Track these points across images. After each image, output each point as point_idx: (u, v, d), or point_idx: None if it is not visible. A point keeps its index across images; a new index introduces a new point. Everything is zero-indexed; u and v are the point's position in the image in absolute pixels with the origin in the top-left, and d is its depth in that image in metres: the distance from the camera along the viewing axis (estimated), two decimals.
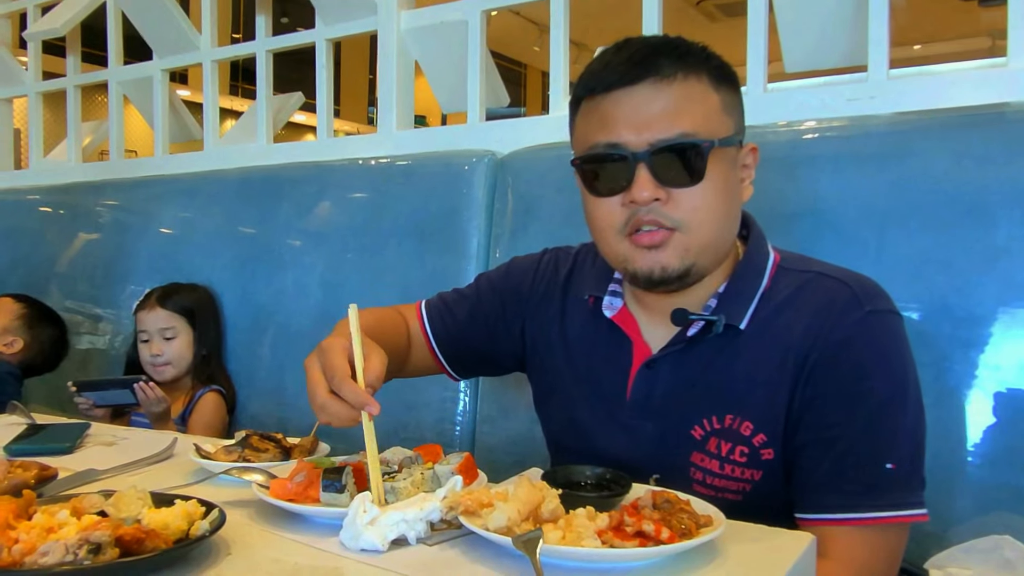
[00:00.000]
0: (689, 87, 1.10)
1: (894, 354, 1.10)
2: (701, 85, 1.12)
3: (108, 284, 2.65)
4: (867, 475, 1.06)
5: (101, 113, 3.35)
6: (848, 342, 1.08)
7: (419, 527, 0.91)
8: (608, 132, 1.11)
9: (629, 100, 1.10)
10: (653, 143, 1.08)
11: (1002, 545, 1.10)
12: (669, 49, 1.11)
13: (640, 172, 1.09)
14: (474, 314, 1.43)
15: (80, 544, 0.77)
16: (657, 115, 1.09)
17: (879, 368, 1.09)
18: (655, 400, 1.20)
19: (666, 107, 1.09)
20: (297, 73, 3.26)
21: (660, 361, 1.20)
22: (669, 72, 1.10)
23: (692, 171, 1.09)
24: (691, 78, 1.11)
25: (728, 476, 1.15)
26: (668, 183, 1.09)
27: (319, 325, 2.17)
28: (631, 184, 1.10)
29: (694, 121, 1.09)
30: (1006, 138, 1.42)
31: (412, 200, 2.08)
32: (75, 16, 2.95)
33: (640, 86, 1.10)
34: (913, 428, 1.10)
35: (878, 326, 1.10)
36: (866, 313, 1.09)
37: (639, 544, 0.83)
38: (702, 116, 1.10)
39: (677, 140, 1.08)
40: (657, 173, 1.09)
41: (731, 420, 1.14)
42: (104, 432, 1.59)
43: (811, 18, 1.79)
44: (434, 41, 2.31)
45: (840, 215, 1.50)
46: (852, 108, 1.66)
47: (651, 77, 1.09)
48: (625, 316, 1.26)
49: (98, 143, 3.32)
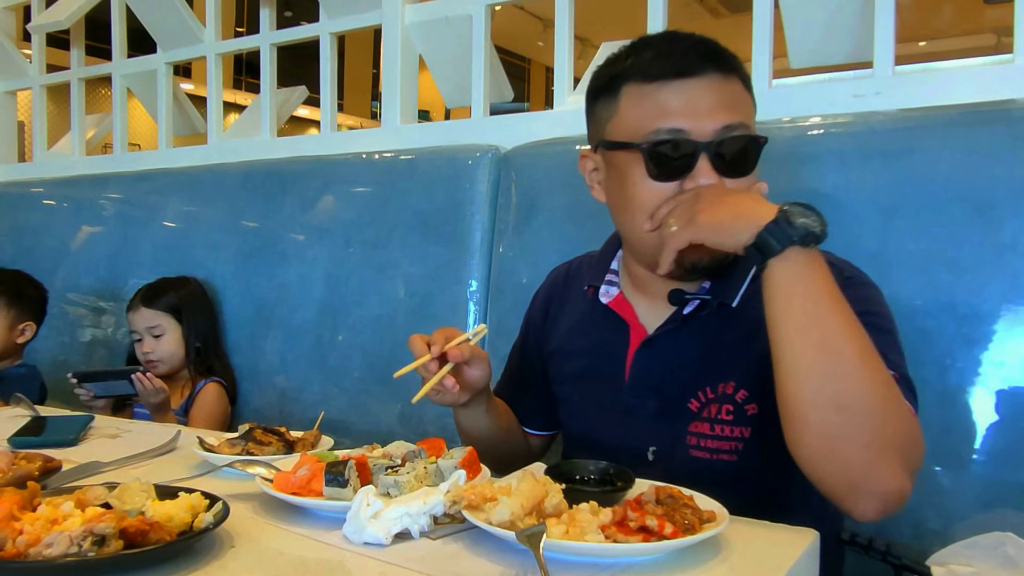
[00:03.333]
0: (736, 86, 1.17)
1: (875, 303, 1.15)
2: (741, 86, 1.18)
3: (111, 277, 2.65)
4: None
5: (105, 106, 3.35)
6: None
7: (422, 521, 0.91)
8: (671, 118, 1.13)
9: (693, 90, 1.14)
10: (717, 132, 1.13)
11: (1005, 542, 1.09)
12: (720, 48, 1.17)
13: (702, 160, 1.13)
14: (523, 359, 1.51)
15: (84, 536, 0.77)
16: (719, 106, 1.13)
17: (867, 305, 1.10)
18: (653, 378, 1.24)
19: (728, 98, 1.15)
20: (301, 67, 3.26)
21: (657, 340, 1.24)
22: (725, 70, 1.15)
23: (747, 162, 1.16)
24: (735, 79, 1.17)
25: (719, 436, 1.19)
26: (725, 172, 1.14)
27: (322, 319, 2.17)
28: (692, 170, 1.13)
29: (746, 116, 1.16)
30: (1012, 135, 1.41)
31: (415, 194, 2.08)
32: (79, 9, 2.95)
33: (703, 78, 1.14)
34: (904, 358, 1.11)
35: (858, 286, 1.15)
36: (845, 277, 1.12)
37: (642, 539, 0.83)
38: (748, 113, 1.18)
39: (737, 132, 1.13)
40: (716, 162, 1.13)
41: (723, 387, 1.19)
42: (108, 424, 1.59)
43: (817, 14, 1.78)
44: (438, 35, 2.30)
45: (845, 211, 1.50)
46: (857, 104, 1.65)
47: (712, 71, 1.14)
48: (621, 302, 1.31)
49: (102, 136, 3.32)
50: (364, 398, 2.07)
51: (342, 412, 2.08)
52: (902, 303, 1.41)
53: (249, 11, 9.35)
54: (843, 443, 0.96)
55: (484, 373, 1.26)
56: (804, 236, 0.98)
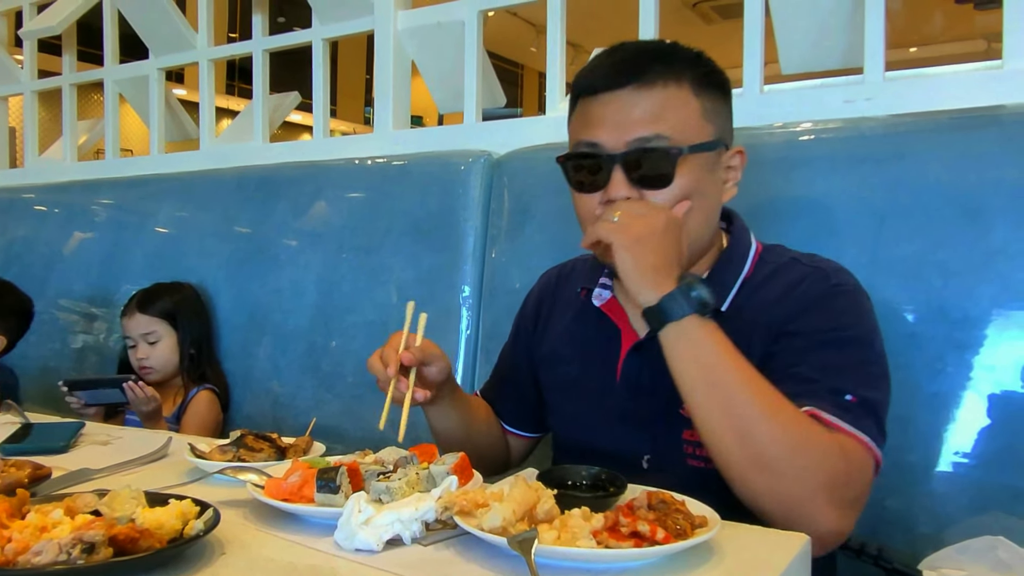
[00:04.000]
0: (668, 93, 1.16)
1: (855, 315, 1.16)
2: (682, 91, 1.16)
3: (103, 283, 2.64)
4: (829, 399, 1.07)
5: (97, 112, 3.34)
6: (814, 303, 1.15)
7: (414, 527, 0.91)
8: (590, 132, 1.18)
9: (611, 103, 1.16)
10: (628, 143, 1.14)
11: (996, 546, 1.09)
12: (656, 55, 1.18)
13: (615, 172, 1.15)
14: (514, 361, 1.51)
15: (73, 543, 0.76)
16: (634, 119, 1.15)
17: (842, 319, 1.14)
18: (644, 383, 1.25)
19: (644, 112, 1.15)
20: (294, 73, 3.26)
21: (647, 344, 1.24)
22: (650, 78, 1.15)
23: (662, 174, 1.15)
24: (671, 84, 1.16)
25: None
26: (641, 184, 1.15)
27: (315, 325, 2.17)
28: (608, 183, 1.16)
29: (669, 126, 1.14)
30: (1002, 140, 1.42)
31: (408, 200, 2.07)
32: (71, 14, 2.95)
33: (622, 91, 1.16)
34: (878, 373, 1.13)
35: (842, 295, 1.17)
36: (831, 284, 1.17)
37: (634, 544, 0.83)
38: (678, 122, 1.15)
39: (649, 144, 1.14)
40: (630, 174, 1.15)
41: None
42: (99, 431, 1.59)
43: (807, 20, 1.79)
44: (431, 41, 2.31)
45: (836, 216, 1.50)
46: (848, 110, 1.66)
47: (633, 82, 1.15)
48: (613, 305, 1.32)
49: (94, 142, 3.31)
50: (357, 404, 2.06)
51: (335, 418, 2.07)
52: (893, 308, 1.41)
53: (242, 17, 9.34)
54: (766, 495, 1.02)
55: (442, 366, 1.26)
56: (700, 307, 1.05)
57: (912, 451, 1.38)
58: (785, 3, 1.79)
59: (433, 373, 1.25)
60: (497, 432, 1.50)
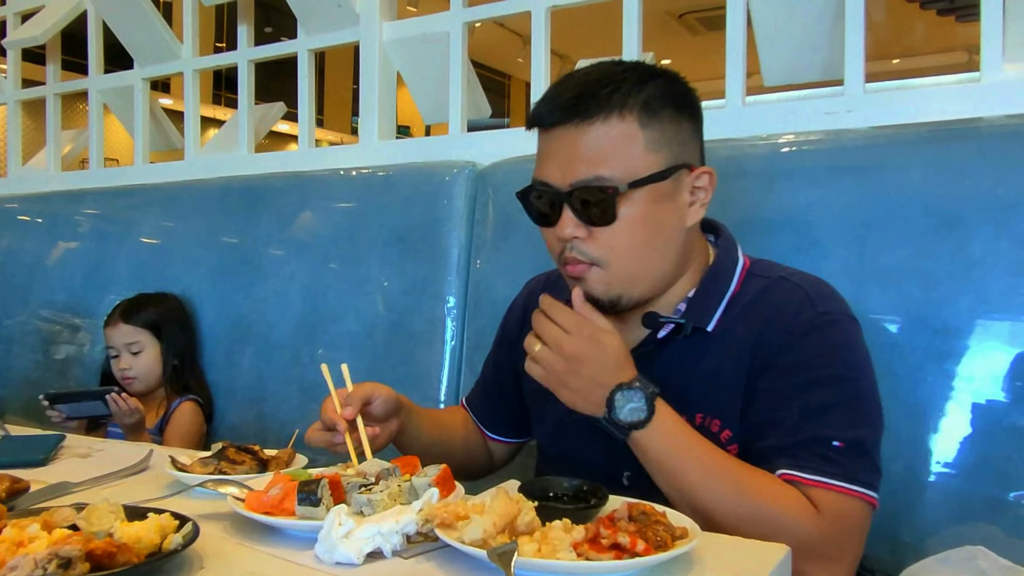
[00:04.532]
0: (609, 128, 1.13)
1: (843, 348, 1.15)
2: (624, 125, 1.14)
3: (87, 293, 2.62)
4: (814, 450, 1.09)
5: (82, 121, 3.33)
6: (799, 337, 1.14)
7: (395, 540, 0.91)
8: (540, 169, 1.19)
9: (556, 140, 1.17)
10: (572, 184, 1.14)
11: (977, 555, 1.10)
12: (597, 88, 1.14)
13: (564, 211, 1.16)
14: (497, 369, 1.53)
15: (49, 559, 0.76)
16: (576, 157, 1.14)
17: (828, 358, 1.14)
18: None
19: (584, 150, 1.14)
20: (281, 83, 3.26)
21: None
22: (591, 114, 1.13)
23: (604, 212, 1.14)
24: (613, 118, 1.13)
25: None
26: (588, 222, 1.15)
27: (299, 335, 2.16)
28: (559, 219, 1.16)
29: (608, 165, 1.13)
30: (980, 151, 1.44)
31: (393, 210, 2.07)
32: (55, 24, 2.93)
33: (564, 128, 1.15)
34: (867, 409, 1.13)
35: (830, 326, 1.15)
36: (818, 313, 1.15)
37: (614, 556, 0.83)
38: (619, 158, 1.13)
39: (589, 183, 1.13)
40: (577, 212, 1.15)
41: (701, 419, 1.18)
42: (80, 444, 1.57)
43: (789, 33, 1.81)
44: (416, 52, 2.31)
45: (817, 227, 1.51)
46: (829, 122, 1.68)
47: (574, 119, 1.14)
48: None
49: (78, 152, 3.29)
50: None
51: None
52: (874, 318, 1.42)
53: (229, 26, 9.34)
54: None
55: (384, 396, 1.28)
56: (633, 426, 1.10)
57: (894, 461, 1.38)
58: (767, 16, 1.81)
59: (378, 408, 1.27)
60: (476, 440, 1.50)
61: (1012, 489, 1.32)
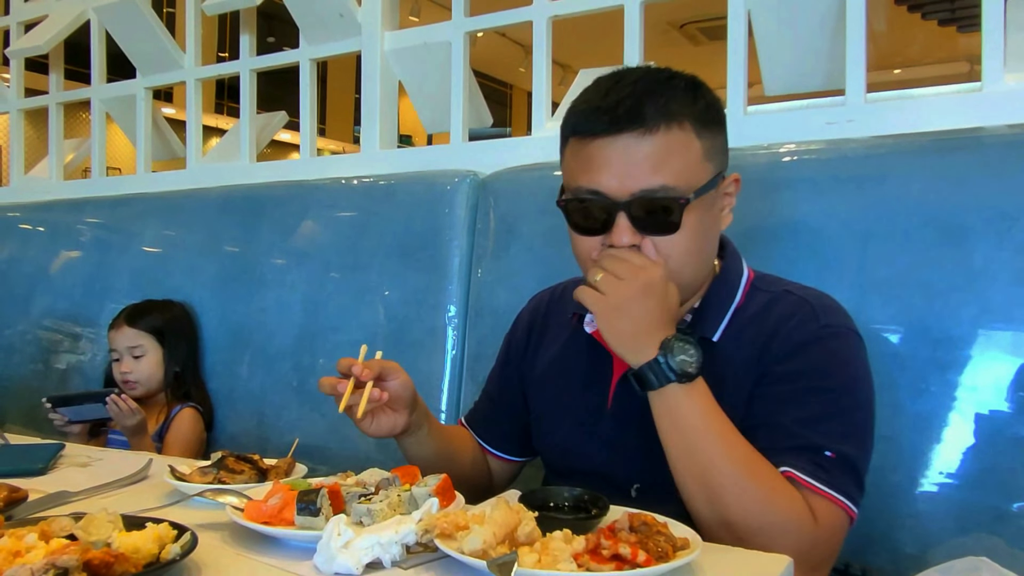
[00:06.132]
0: (671, 138, 1.13)
1: (844, 362, 1.16)
2: (684, 134, 1.13)
3: (88, 302, 2.62)
4: (809, 456, 1.08)
5: (85, 130, 3.34)
6: (801, 348, 1.15)
7: (394, 550, 0.90)
8: (591, 178, 1.14)
9: (613, 149, 1.13)
10: (633, 194, 1.12)
11: (980, 566, 1.09)
12: (654, 97, 1.13)
13: (620, 219, 1.13)
14: (503, 385, 1.50)
15: (46, 569, 0.75)
16: (638, 166, 1.12)
17: (827, 366, 1.14)
18: (635, 411, 1.22)
19: (647, 158, 1.12)
20: (284, 92, 3.27)
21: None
22: (653, 123, 1.12)
23: (668, 223, 1.13)
24: (674, 128, 1.13)
25: None
26: (645, 231, 1.14)
27: (300, 344, 2.16)
28: (610, 228, 1.14)
29: (674, 174, 1.12)
30: (982, 161, 1.44)
31: (394, 220, 2.07)
32: (58, 34, 2.94)
33: (624, 136, 1.12)
34: (861, 424, 1.13)
35: (832, 338, 1.16)
36: (822, 326, 1.16)
37: (615, 567, 0.82)
38: (682, 167, 1.13)
39: (655, 194, 1.12)
40: (635, 221, 1.13)
41: None
42: (79, 453, 1.57)
43: (790, 43, 1.81)
44: (417, 62, 2.32)
45: (818, 237, 1.51)
46: (830, 131, 1.68)
47: (635, 128, 1.12)
48: None
49: (80, 160, 3.30)
50: (342, 424, 2.01)
51: (320, 438, 2.06)
52: (876, 328, 1.42)
53: (231, 36, 9.37)
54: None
55: (403, 379, 1.26)
56: (680, 376, 1.07)
57: (896, 471, 1.38)
58: (768, 25, 1.81)
59: (395, 387, 1.25)
60: (479, 460, 1.48)
61: (1015, 500, 1.31)
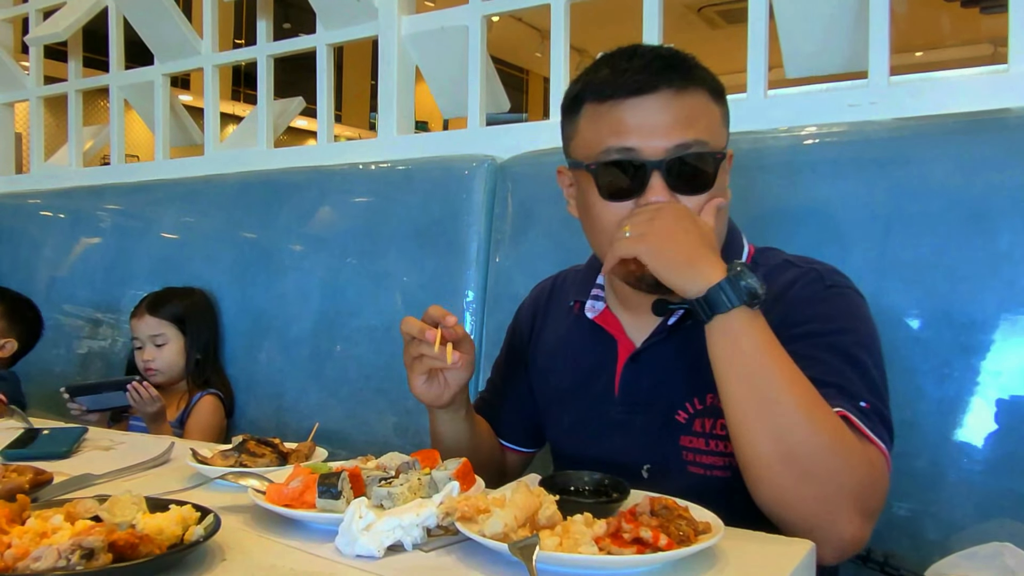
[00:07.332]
0: (698, 99, 1.16)
1: (853, 314, 1.15)
2: (704, 98, 1.17)
3: (108, 288, 2.65)
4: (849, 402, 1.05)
5: (103, 118, 3.35)
6: (809, 305, 1.14)
7: (415, 533, 0.90)
8: (622, 138, 1.14)
9: (645, 108, 1.13)
10: (668, 150, 1.12)
11: (1003, 552, 1.09)
12: (678, 62, 1.16)
13: (654, 179, 1.12)
14: (509, 375, 1.49)
15: (73, 549, 0.76)
16: (672, 124, 1.13)
17: (839, 322, 1.13)
18: (642, 392, 1.23)
19: (680, 117, 1.13)
20: (300, 78, 3.27)
21: (644, 353, 1.24)
22: (681, 84, 1.14)
23: (704, 179, 1.15)
24: (698, 91, 1.16)
25: (714, 452, 1.18)
26: (679, 190, 1.14)
27: (318, 330, 2.17)
28: (643, 191, 1.13)
29: (706, 130, 1.14)
30: (1007, 144, 1.41)
31: (412, 205, 2.07)
32: (77, 21, 2.95)
33: (655, 95, 1.13)
34: (879, 379, 1.11)
35: (838, 295, 1.16)
36: (827, 286, 1.16)
37: (637, 551, 0.82)
38: (709, 127, 1.16)
39: (692, 149, 1.13)
40: (670, 180, 1.13)
41: (712, 399, 1.17)
42: (101, 437, 1.59)
43: (812, 25, 1.79)
44: (435, 46, 2.31)
45: (841, 220, 1.50)
46: (853, 114, 1.66)
47: (666, 88, 1.13)
48: (607, 317, 1.30)
49: (99, 148, 3.32)
50: (361, 409, 2.06)
51: (339, 423, 2.07)
52: (899, 312, 1.41)
53: (248, 23, 9.38)
54: (794, 496, 1.00)
55: (470, 359, 1.24)
56: (750, 297, 1.02)
57: (919, 457, 1.37)
58: (789, 8, 1.79)
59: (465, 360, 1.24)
60: (496, 450, 1.48)
61: None
